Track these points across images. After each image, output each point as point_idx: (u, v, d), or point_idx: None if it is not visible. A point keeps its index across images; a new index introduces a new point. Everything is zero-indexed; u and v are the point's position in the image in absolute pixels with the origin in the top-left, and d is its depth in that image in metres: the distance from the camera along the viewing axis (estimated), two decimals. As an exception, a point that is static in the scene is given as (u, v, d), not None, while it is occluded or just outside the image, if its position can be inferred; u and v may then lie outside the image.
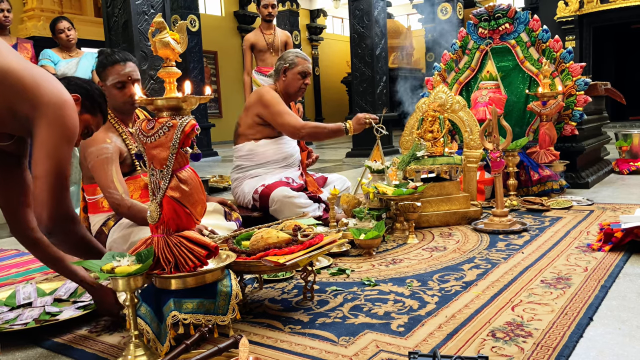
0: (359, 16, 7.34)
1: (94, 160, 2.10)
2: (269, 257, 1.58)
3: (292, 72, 3.00)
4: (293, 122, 2.91)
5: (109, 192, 2.05)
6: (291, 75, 3.00)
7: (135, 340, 1.41)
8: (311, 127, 2.95)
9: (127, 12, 4.10)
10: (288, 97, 3.07)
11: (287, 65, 3.00)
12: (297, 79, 3.01)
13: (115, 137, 2.20)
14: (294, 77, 3.00)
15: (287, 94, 3.05)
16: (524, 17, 3.85)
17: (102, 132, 2.16)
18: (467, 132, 3.16)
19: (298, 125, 2.91)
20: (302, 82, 3.02)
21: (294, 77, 3.00)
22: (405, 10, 16.92)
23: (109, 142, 2.15)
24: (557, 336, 1.42)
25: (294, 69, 3.00)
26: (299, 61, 3.00)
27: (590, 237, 2.45)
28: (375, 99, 7.34)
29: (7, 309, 1.86)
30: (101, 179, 2.08)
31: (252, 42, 5.06)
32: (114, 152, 2.13)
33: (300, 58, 3.02)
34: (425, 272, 2.07)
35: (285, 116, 2.91)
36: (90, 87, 1.71)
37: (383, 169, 2.81)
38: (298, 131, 2.92)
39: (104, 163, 2.09)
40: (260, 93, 2.98)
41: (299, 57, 3.02)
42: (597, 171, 4.17)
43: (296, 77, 3.00)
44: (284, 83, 3.03)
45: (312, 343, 1.47)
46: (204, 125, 8.83)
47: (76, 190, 4.05)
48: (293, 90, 3.04)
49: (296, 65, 2.99)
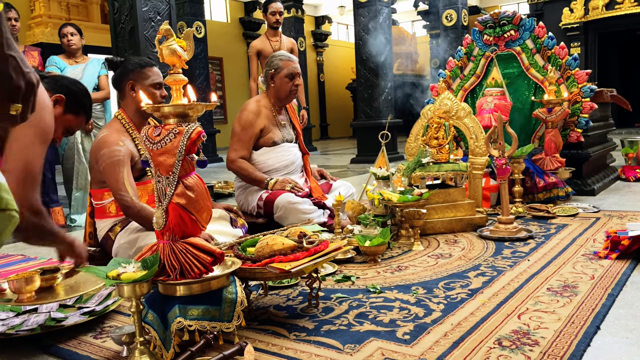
0: (363, 23, 7.37)
1: (106, 162, 2.11)
2: (274, 264, 1.57)
3: (279, 77, 2.98)
4: (231, 153, 2.93)
5: (119, 194, 2.06)
6: (278, 79, 2.99)
7: (141, 347, 1.41)
8: (238, 167, 2.90)
9: (134, 18, 4.13)
10: (280, 102, 3.06)
11: (273, 70, 2.99)
12: (285, 82, 2.98)
13: (128, 141, 2.22)
14: (281, 81, 2.98)
15: (278, 99, 3.04)
16: (529, 24, 3.85)
17: (115, 135, 2.19)
18: (473, 139, 3.16)
19: (232, 157, 2.92)
20: (291, 84, 2.99)
21: (282, 81, 2.98)
22: (410, 17, 16.97)
23: (122, 144, 2.17)
24: (564, 345, 1.41)
25: (280, 73, 2.98)
26: (283, 64, 2.98)
27: (597, 244, 2.43)
28: (380, 105, 7.35)
29: (13, 314, 1.86)
30: (112, 181, 2.09)
31: (258, 48, 5.08)
32: (126, 155, 2.14)
33: (284, 60, 2.99)
34: (431, 279, 2.06)
35: (233, 144, 2.93)
36: (76, 88, 1.74)
37: (388, 176, 2.80)
38: (229, 163, 2.93)
39: (115, 165, 2.10)
40: (241, 109, 3.00)
41: (283, 59, 2.99)
42: (603, 178, 4.15)
43: (284, 80, 2.98)
44: (274, 89, 3.02)
45: (318, 350, 1.47)
46: (210, 131, 8.86)
47: (82, 196, 4.08)
48: (284, 95, 3.02)
49: (281, 68, 2.97)
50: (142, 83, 2.26)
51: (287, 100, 3.08)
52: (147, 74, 2.28)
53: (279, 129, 3.04)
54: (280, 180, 2.87)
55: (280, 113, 3.10)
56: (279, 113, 3.09)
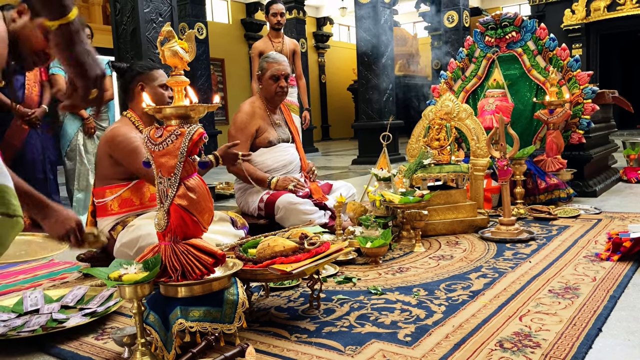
0: (365, 24, 7.37)
1: (125, 148, 2.21)
2: (275, 266, 1.57)
3: (264, 79, 3.00)
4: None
5: (145, 170, 2.12)
6: (264, 81, 3.00)
7: (142, 349, 1.41)
8: (238, 168, 2.85)
9: (136, 20, 4.13)
10: (271, 103, 3.07)
11: (259, 72, 3.01)
12: (270, 83, 2.99)
13: (139, 136, 2.27)
14: (267, 82, 3.00)
15: (267, 99, 3.05)
16: (530, 26, 3.85)
17: (127, 128, 2.28)
18: (474, 140, 3.15)
19: None
20: (276, 86, 2.99)
21: (267, 83, 3.00)
22: (411, 18, 16.96)
23: (135, 134, 2.26)
24: (566, 347, 1.41)
25: (265, 74, 2.99)
26: (268, 65, 2.99)
27: (599, 246, 2.43)
28: (381, 106, 7.35)
29: (14, 315, 1.87)
30: (137, 163, 2.18)
31: (260, 50, 5.08)
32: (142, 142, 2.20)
33: (269, 62, 2.99)
34: (432, 281, 2.06)
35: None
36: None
37: (389, 177, 2.80)
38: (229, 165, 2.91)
39: (135, 149, 2.20)
40: (236, 112, 3.01)
41: (268, 61, 3.00)
42: (604, 179, 4.15)
43: (269, 82, 2.99)
44: (263, 91, 3.04)
45: (319, 352, 1.47)
46: (211, 132, 8.87)
47: (84, 197, 4.07)
48: (270, 96, 3.03)
49: (266, 70, 2.99)
50: (151, 84, 2.35)
51: (275, 101, 3.08)
52: (154, 76, 2.37)
53: (274, 128, 3.05)
54: (282, 179, 2.89)
55: (274, 113, 3.11)
56: (273, 113, 3.11)
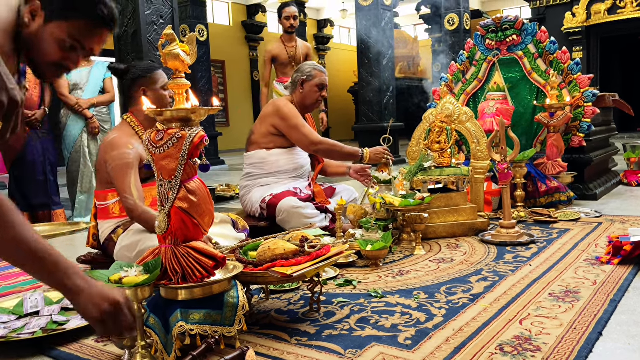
0: (366, 26, 7.38)
1: (115, 163, 2.17)
2: (276, 268, 1.57)
3: (309, 85, 3.03)
4: (310, 137, 2.92)
5: (124, 196, 2.11)
6: (308, 87, 3.03)
7: (142, 351, 1.41)
8: (329, 144, 2.95)
9: (137, 22, 4.13)
10: (304, 109, 3.09)
11: (305, 77, 3.03)
12: (315, 91, 3.03)
13: (138, 143, 2.25)
14: (311, 89, 3.03)
15: (303, 106, 3.07)
16: (531, 29, 3.85)
17: (125, 138, 2.25)
18: (475, 143, 3.15)
19: (316, 140, 2.93)
20: (319, 95, 3.05)
21: (311, 90, 3.03)
22: (412, 20, 16.99)
23: (131, 147, 2.22)
24: (567, 351, 1.41)
25: (311, 81, 3.02)
26: (316, 74, 3.03)
27: (599, 249, 2.43)
28: (381, 108, 7.35)
29: (14, 317, 1.87)
30: (119, 183, 2.14)
31: (274, 54, 5.04)
32: (135, 158, 2.19)
33: (317, 71, 3.04)
34: (433, 284, 2.06)
35: (302, 130, 2.92)
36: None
37: (390, 180, 2.80)
38: (315, 146, 2.94)
39: (124, 167, 2.16)
40: (277, 106, 2.99)
41: (317, 69, 3.05)
42: (605, 183, 4.15)
43: (314, 89, 3.03)
44: (301, 95, 3.05)
45: (319, 355, 1.47)
46: (212, 134, 8.87)
47: (86, 199, 4.07)
48: (310, 103, 3.06)
49: (314, 77, 3.02)
50: (153, 87, 2.32)
51: (311, 109, 3.12)
52: (155, 78, 2.35)
53: None
54: (373, 152, 2.96)
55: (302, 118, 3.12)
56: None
